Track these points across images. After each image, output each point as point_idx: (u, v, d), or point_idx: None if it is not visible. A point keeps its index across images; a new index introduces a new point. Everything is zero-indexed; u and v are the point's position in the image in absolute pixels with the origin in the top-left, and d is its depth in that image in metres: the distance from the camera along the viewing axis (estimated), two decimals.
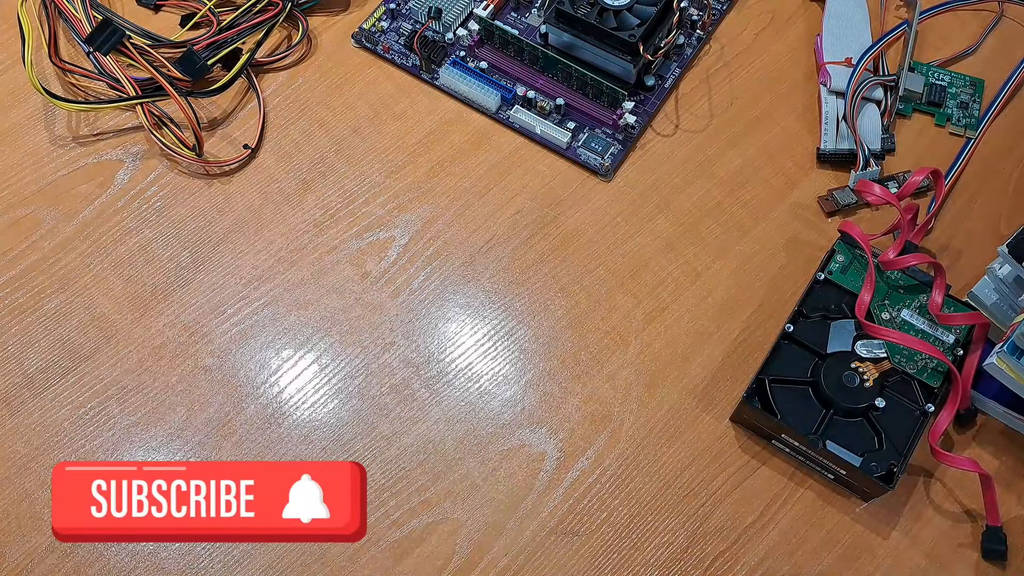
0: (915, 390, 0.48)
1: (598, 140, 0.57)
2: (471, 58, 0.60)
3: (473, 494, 0.48)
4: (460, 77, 0.58)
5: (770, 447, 0.49)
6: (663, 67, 0.59)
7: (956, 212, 0.56)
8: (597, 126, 0.57)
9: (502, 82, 0.58)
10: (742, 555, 0.47)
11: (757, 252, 0.55)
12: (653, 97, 0.58)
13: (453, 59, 0.59)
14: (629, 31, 0.55)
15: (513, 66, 0.59)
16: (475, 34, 0.59)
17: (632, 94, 0.58)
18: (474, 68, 0.59)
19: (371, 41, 0.60)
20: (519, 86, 0.59)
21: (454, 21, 0.60)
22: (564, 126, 0.57)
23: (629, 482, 0.49)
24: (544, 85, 0.58)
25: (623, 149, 0.57)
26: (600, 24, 0.55)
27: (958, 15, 0.63)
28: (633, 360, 0.52)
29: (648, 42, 0.56)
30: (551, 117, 0.57)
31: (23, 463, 0.48)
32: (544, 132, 0.57)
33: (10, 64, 0.59)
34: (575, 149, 0.57)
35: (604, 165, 0.56)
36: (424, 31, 0.59)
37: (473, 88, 0.58)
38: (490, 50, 0.60)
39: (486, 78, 0.58)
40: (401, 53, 0.60)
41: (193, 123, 0.55)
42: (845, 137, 0.57)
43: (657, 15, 0.56)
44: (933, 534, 0.48)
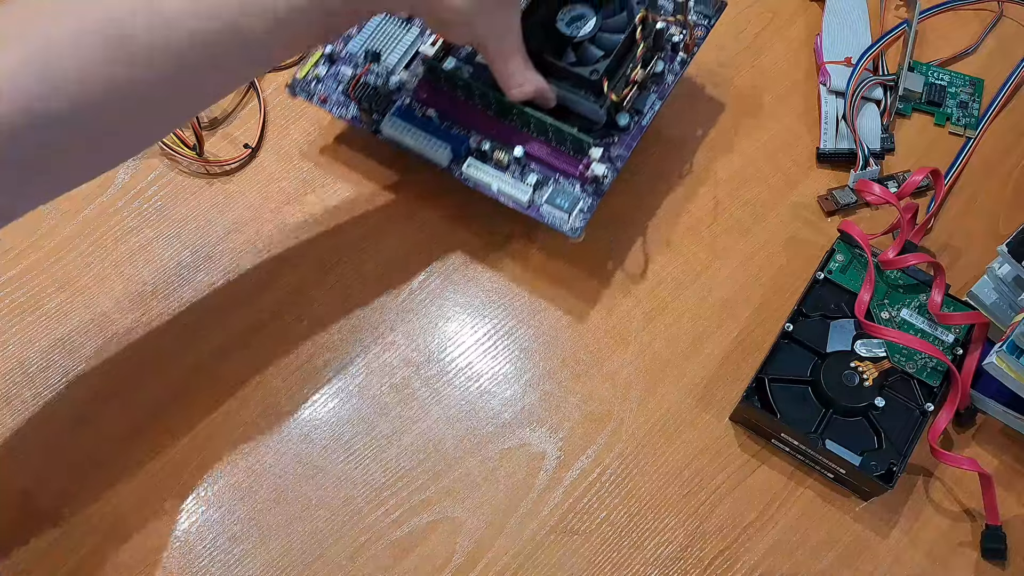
0: (915, 389, 0.48)
1: (564, 195, 0.49)
2: (419, 105, 0.52)
3: (473, 493, 0.48)
4: (405, 128, 0.51)
5: (770, 446, 0.50)
6: (640, 99, 0.51)
7: (956, 212, 0.56)
8: (563, 177, 0.50)
9: (455, 131, 0.51)
10: (742, 554, 0.47)
11: (757, 251, 0.55)
12: (628, 138, 0.50)
13: (397, 107, 0.52)
14: (591, 67, 0.47)
15: (466, 112, 0.51)
16: (421, 77, 0.52)
17: (604, 134, 0.50)
18: (420, 117, 0.52)
19: (306, 91, 0.53)
20: (473, 136, 0.51)
21: (397, 63, 0.53)
22: (525, 180, 0.50)
23: (629, 481, 0.49)
24: (501, 133, 0.51)
25: (594, 203, 0.49)
26: (555, 60, 0.47)
27: (958, 14, 0.63)
28: (633, 359, 0.52)
29: (616, 76, 0.48)
30: (510, 169, 0.50)
31: (23, 463, 0.48)
32: (501, 190, 0.50)
33: None
34: (537, 207, 0.49)
35: (572, 225, 0.49)
36: (362, 77, 0.52)
37: (420, 140, 0.51)
38: (439, 94, 0.52)
39: (434, 128, 0.51)
40: (339, 103, 0.53)
41: (193, 122, 0.55)
42: (845, 137, 0.57)
43: (625, 44, 0.48)
44: (933, 533, 0.48)
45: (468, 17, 0.42)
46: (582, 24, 0.48)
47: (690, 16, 0.52)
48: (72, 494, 0.48)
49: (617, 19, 0.48)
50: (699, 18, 0.53)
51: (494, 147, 0.50)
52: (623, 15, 0.48)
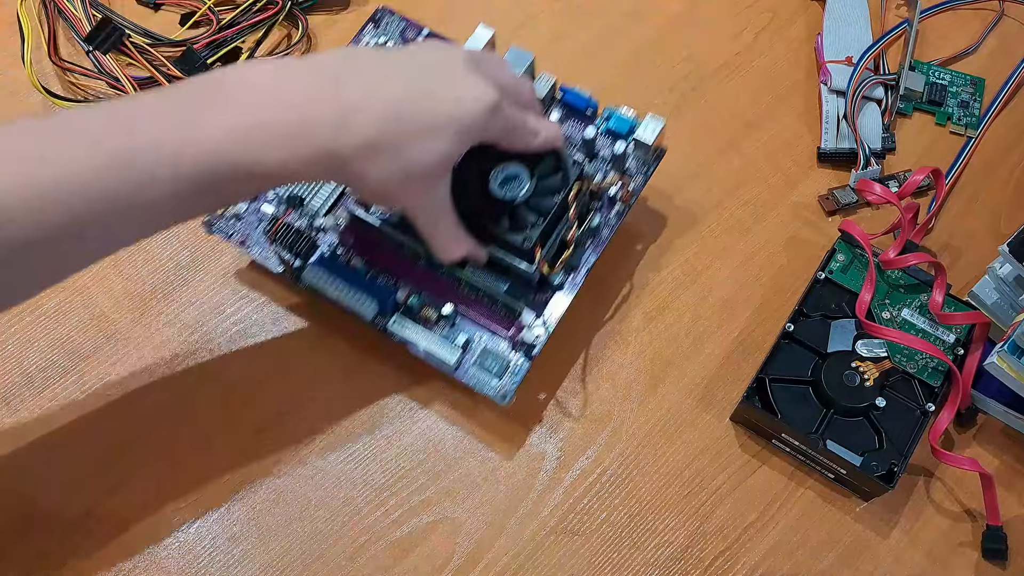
0: (915, 389, 0.48)
1: (494, 358, 0.47)
2: (344, 250, 0.49)
3: (473, 493, 0.48)
4: (328, 278, 0.48)
5: (770, 447, 0.49)
6: (575, 255, 0.48)
7: (957, 211, 0.56)
8: (494, 337, 0.48)
9: (381, 282, 0.49)
10: (742, 554, 0.47)
11: (757, 251, 0.55)
12: (563, 294, 0.48)
13: (321, 254, 0.49)
14: (523, 234, 0.44)
15: (394, 263, 0.49)
16: (347, 223, 0.49)
17: (539, 290, 0.48)
18: (345, 266, 0.49)
19: (224, 230, 0.50)
20: (401, 288, 0.48)
21: (322, 205, 0.50)
22: (453, 340, 0.47)
23: (629, 482, 0.49)
24: (431, 286, 0.48)
25: (525, 366, 0.47)
26: (487, 224, 0.45)
27: (959, 14, 0.62)
28: (633, 359, 0.52)
29: (550, 239, 0.46)
30: (439, 326, 0.48)
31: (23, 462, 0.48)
32: (428, 350, 0.47)
33: (10, 64, 0.59)
34: (466, 370, 0.47)
35: (501, 391, 0.46)
36: (283, 220, 0.48)
37: (343, 292, 0.47)
38: (366, 242, 0.49)
39: (360, 279, 0.48)
40: (260, 243, 0.49)
41: None
42: (846, 136, 0.57)
43: (560, 207, 0.45)
44: (933, 533, 0.48)
45: (391, 194, 0.40)
46: (516, 185, 0.44)
47: (628, 166, 0.50)
48: (72, 494, 0.47)
49: (552, 181, 0.45)
50: (638, 165, 0.51)
51: (422, 302, 0.48)
52: (558, 177, 0.45)
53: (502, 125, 0.41)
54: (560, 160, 0.45)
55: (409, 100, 0.38)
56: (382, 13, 0.55)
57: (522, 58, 0.50)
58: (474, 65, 0.40)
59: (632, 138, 0.50)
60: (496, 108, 0.40)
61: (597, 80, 0.59)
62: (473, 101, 0.39)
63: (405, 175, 0.39)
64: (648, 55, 0.60)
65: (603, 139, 0.52)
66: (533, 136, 0.43)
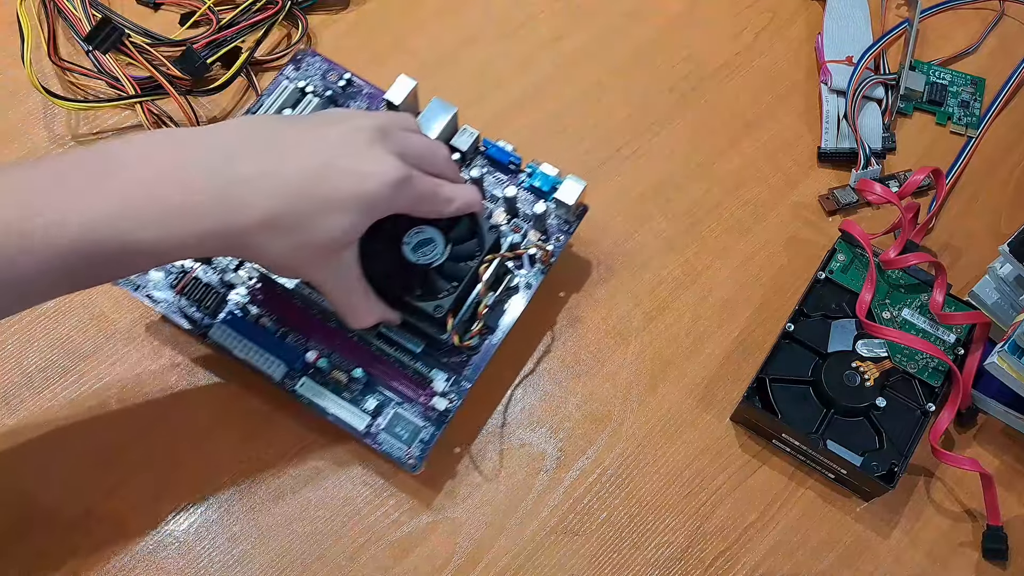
0: (916, 389, 0.48)
1: (404, 424, 0.46)
2: (254, 307, 0.48)
3: (473, 494, 0.48)
4: (235, 337, 0.47)
5: (770, 447, 0.49)
6: (493, 316, 0.47)
7: (957, 211, 0.56)
8: (406, 402, 0.47)
9: (291, 341, 0.47)
10: (742, 555, 0.47)
11: (757, 251, 0.55)
12: (478, 358, 0.47)
13: (229, 311, 0.48)
14: (436, 302, 0.43)
15: (305, 322, 0.47)
16: (257, 279, 0.48)
17: (452, 354, 0.47)
18: (254, 324, 0.47)
19: (131, 281, 0.48)
20: (311, 348, 0.47)
21: (232, 260, 0.49)
22: (362, 405, 0.46)
23: (629, 482, 0.49)
24: (342, 347, 0.47)
25: (436, 433, 0.46)
26: (400, 287, 0.44)
27: (959, 13, 0.62)
28: (633, 359, 0.51)
29: (465, 305, 0.45)
30: (349, 389, 0.47)
31: (23, 462, 0.48)
32: (337, 415, 0.46)
33: (9, 63, 0.58)
34: (375, 436, 0.46)
35: (410, 460, 0.45)
36: (192, 275, 0.48)
37: (251, 352, 0.46)
38: (276, 300, 0.48)
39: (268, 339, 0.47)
40: (167, 302, 0.48)
41: (193, 122, 0.54)
42: (846, 136, 0.57)
43: (475, 273, 0.44)
44: (934, 533, 0.48)
45: (294, 268, 0.40)
46: (430, 249, 0.44)
47: (549, 224, 0.50)
48: (72, 494, 0.47)
49: (467, 246, 0.45)
50: (560, 224, 0.50)
51: (332, 365, 0.47)
52: (473, 242, 0.45)
53: (411, 196, 0.40)
54: (476, 225, 0.45)
55: (309, 176, 0.37)
56: (303, 55, 0.54)
57: (444, 110, 0.49)
58: (380, 137, 0.40)
59: (553, 197, 0.49)
60: (402, 183, 0.39)
61: (596, 80, 0.59)
62: (377, 177, 0.38)
63: (307, 250, 0.38)
64: (648, 55, 0.60)
65: (525, 196, 0.51)
66: (447, 204, 0.42)
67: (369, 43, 0.60)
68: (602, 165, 0.57)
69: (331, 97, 0.53)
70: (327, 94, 0.53)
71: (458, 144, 0.50)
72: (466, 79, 0.59)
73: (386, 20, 0.61)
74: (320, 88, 0.53)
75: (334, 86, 0.53)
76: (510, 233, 0.49)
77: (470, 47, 0.60)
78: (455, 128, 0.51)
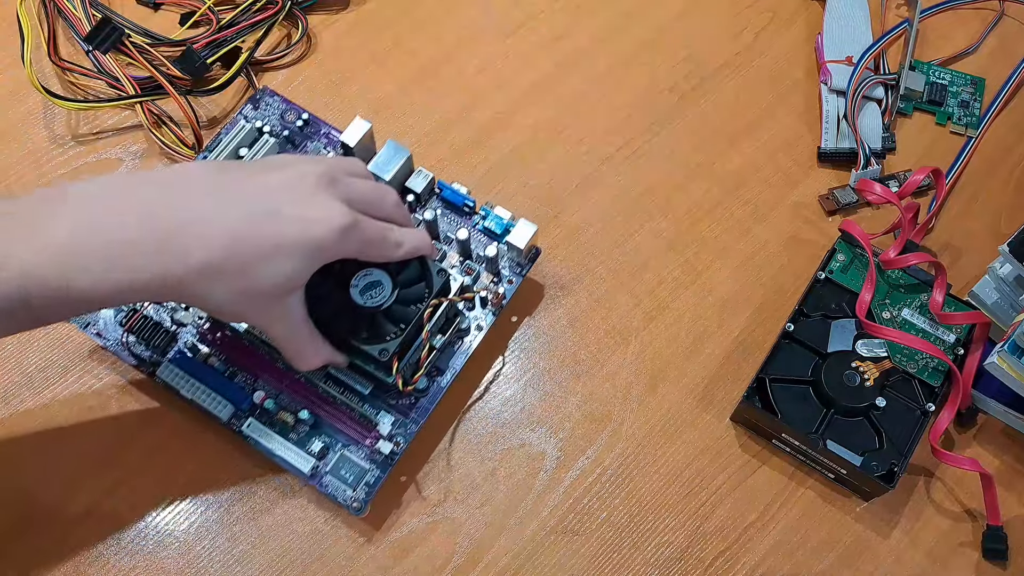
0: (916, 389, 0.48)
1: (349, 466, 0.46)
2: (203, 346, 0.48)
3: (473, 493, 0.48)
4: (183, 377, 0.47)
5: (770, 447, 0.49)
6: (443, 358, 0.48)
7: (957, 211, 0.56)
8: (352, 444, 0.46)
9: (239, 381, 0.47)
10: (742, 555, 0.47)
11: (757, 251, 0.55)
12: (425, 401, 0.47)
13: (178, 350, 0.48)
14: (381, 346, 0.43)
15: (253, 362, 0.48)
16: (206, 319, 0.48)
17: (399, 396, 0.47)
18: (203, 364, 0.47)
19: (83, 321, 0.48)
20: (259, 389, 0.47)
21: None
22: (308, 447, 0.46)
23: (629, 482, 0.49)
24: (290, 388, 0.47)
25: (381, 476, 0.46)
26: (346, 330, 0.44)
27: (959, 14, 0.62)
28: (633, 359, 0.51)
29: (411, 348, 0.45)
30: (296, 431, 0.47)
31: (24, 461, 0.48)
32: (283, 457, 0.46)
33: (9, 63, 0.59)
34: (320, 478, 0.46)
35: (355, 502, 0.45)
36: (141, 313, 0.48)
37: (199, 393, 0.46)
38: (225, 340, 0.48)
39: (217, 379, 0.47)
40: (118, 340, 0.48)
41: (193, 122, 0.54)
42: (846, 136, 0.57)
43: (422, 316, 0.44)
44: (934, 533, 0.48)
45: (238, 314, 0.40)
46: (377, 293, 0.44)
47: (501, 267, 0.50)
48: (72, 493, 0.47)
49: (415, 289, 0.45)
50: (512, 266, 0.50)
51: (279, 406, 0.47)
52: (421, 285, 0.45)
53: (358, 242, 0.40)
54: (425, 268, 0.45)
55: (252, 223, 0.37)
56: (261, 94, 0.54)
57: (399, 153, 0.49)
58: (327, 183, 0.39)
59: (505, 240, 0.49)
60: (348, 229, 0.39)
61: (596, 80, 0.59)
62: (322, 224, 0.38)
63: (251, 296, 0.38)
64: (648, 55, 0.60)
65: (479, 238, 0.51)
66: (395, 248, 0.42)
67: (369, 43, 0.60)
68: (602, 165, 0.57)
69: (288, 137, 0.53)
70: (284, 134, 0.53)
71: (413, 186, 0.50)
72: (466, 79, 0.59)
73: (386, 20, 0.61)
74: (278, 128, 0.53)
75: (291, 126, 0.54)
76: (462, 275, 0.49)
77: (470, 47, 0.60)
78: (410, 170, 0.51)
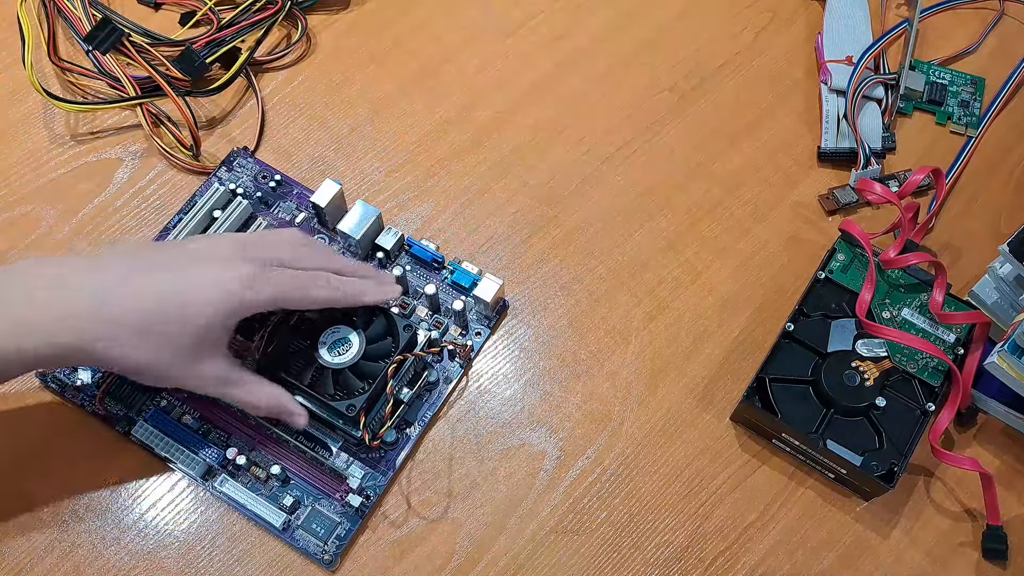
0: (916, 389, 0.48)
1: (321, 520, 0.46)
2: (177, 404, 0.49)
3: (473, 493, 0.48)
4: (157, 436, 0.47)
5: (770, 446, 0.49)
6: (411, 411, 0.49)
7: (957, 211, 0.56)
8: (323, 497, 0.47)
9: (212, 437, 0.48)
10: (742, 554, 0.47)
11: (757, 251, 0.55)
12: (394, 454, 0.48)
13: (153, 410, 0.48)
14: (348, 402, 0.44)
15: (225, 418, 0.49)
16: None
17: (368, 450, 0.48)
18: (176, 422, 0.48)
19: (57, 381, 0.49)
20: (232, 444, 0.48)
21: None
22: (280, 501, 0.46)
23: (629, 481, 0.49)
24: (261, 442, 0.48)
25: (352, 528, 0.46)
26: (313, 390, 0.45)
27: (959, 13, 0.62)
28: (633, 359, 0.51)
29: (378, 403, 0.46)
30: (268, 485, 0.47)
31: (24, 460, 0.48)
32: (255, 512, 0.46)
33: (9, 63, 0.59)
34: (292, 532, 0.46)
35: (326, 555, 0.46)
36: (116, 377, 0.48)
37: (173, 451, 0.47)
38: (199, 399, 0.49)
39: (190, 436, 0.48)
40: (93, 395, 0.48)
41: (191, 123, 0.54)
42: (846, 136, 0.57)
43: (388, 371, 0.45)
44: (934, 533, 0.48)
45: (164, 377, 0.42)
46: (345, 349, 0.46)
47: (469, 320, 0.51)
48: (72, 494, 0.47)
49: (382, 344, 0.46)
50: (480, 318, 0.52)
51: (251, 461, 0.47)
52: (387, 341, 0.46)
53: (271, 289, 0.42)
54: (392, 323, 0.47)
55: (168, 289, 0.41)
56: (236, 155, 0.55)
57: (367, 212, 0.51)
58: (239, 248, 0.43)
59: (472, 294, 0.51)
60: (254, 279, 0.42)
61: (596, 80, 0.59)
62: (229, 281, 0.42)
63: (171, 356, 0.41)
64: (648, 54, 0.60)
65: (447, 291, 0.52)
66: (326, 290, 0.44)
67: (369, 43, 0.60)
68: (602, 165, 0.57)
69: (261, 198, 0.54)
70: (257, 195, 0.54)
71: (383, 243, 0.52)
72: (466, 79, 0.59)
73: (386, 20, 0.61)
74: (251, 189, 0.54)
75: (264, 186, 0.54)
76: (430, 329, 0.51)
77: (470, 47, 0.60)
78: (380, 228, 0.52)
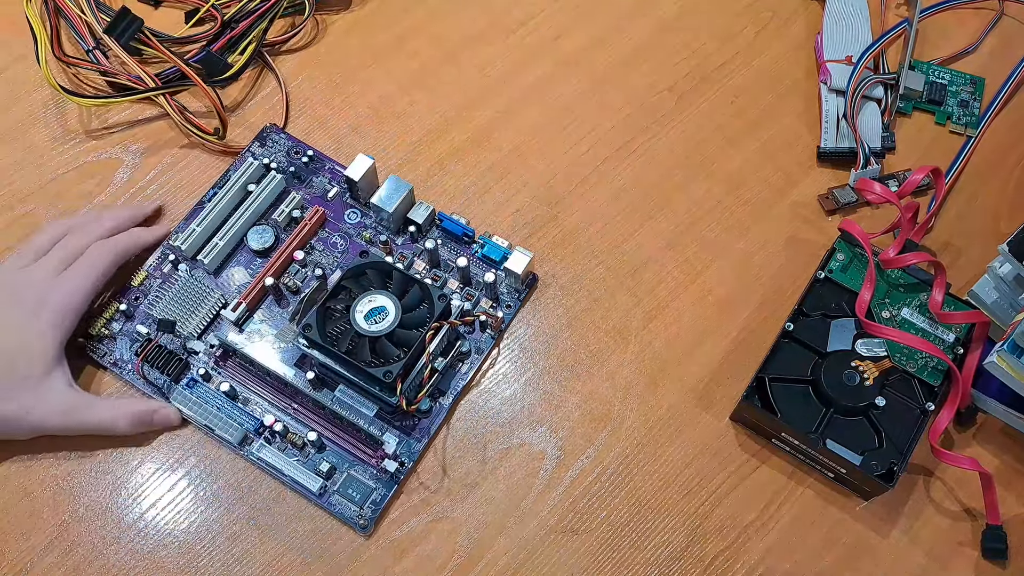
0: (915, 388, 0.48)
1: (357, 485, 0.47)
2: (215, 373, 0.50)
3: (473, 493, 0.48)
4: (195, 402, 0.49)
5: (770, 446, 0.49)
6: (444, 380, 0.50)
7: (956, 210, 0.56)
8: (358, 463, 0.48)
9: (249, 406, 0.49)
10: (742, 554, 0.47)
11: (757, 251, 0.55)
12: (427, 422, 0.49)
13: (191, 377, 0.49)
14: (385, 368, 0.45)
15: (262, 387, 0.49)
16: (218, 347, 0.50)
17: (404, 415, 0.48)
18: (214, 389, 0.49)
19: (96, 352, 0.50)
20: (268, 414, 0.49)
21: (194, 327, 0.50)
22: (316, 468, 0.47)
23: (629, 481, 0.49)
24: (299, 411, 0.49)
25: (387, 493, 0.47)
26: (351, 357, 0.45)
27: (958, 13, 0.62)
28: (633, 359, 0.52)
29: (414, 370, 0.47)
30: (304, 452, 0.48)
31: (22, 461, 0.48)
32: (292, 476, 0.47)
33: (10, 63, 0.59)
34: (329, 497, 0.47)
35: (361, 520, 0.46)
36: (156, 342, 0.49)
37: (210, 416, 0.48)
38: (235, 365, 0.50)
39: (227, 403, 0.49)
40: (132, 364, 0.49)
41: (218, 107, 0.54)
42: (845, 135, 0.57)
43: (424, 340, 0.46)
44: (933, 533, 0.48)
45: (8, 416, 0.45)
46: (382, 317, 0.46)
47: (500, 292, 0.52)
48: (71, 494, 0.47)
49: (418, 313, 0.47)
50: (510, 291, 0.52)
51: (287, 428, 0.48)
52: (423, 310, 0.47)
53: (78, 297, 0.47)
54: (426, 293, 0.47)
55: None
56: (268, 131, 0.56)
57: (400, 187, 0.52)
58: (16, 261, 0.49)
59: (503, 267, 0.51)
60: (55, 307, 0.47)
61: (596, 80, 0.59)
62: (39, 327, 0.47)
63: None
64: (648, 54, 0.60)
65: (477, 265, 0.53)
66: (114, 255, 0.49)
67: (369, 43, 0.61)
68: (602, 164, 0.57)
69: (294, 172, 0.55)
70: (291, 170, 0.55)
71: (415, 217, 0.53)
72: (466, 79, 0.59)
73: (386, 20, 0.61)
74: (284, 164, 0.55)
75: (297, 162, 0.55)
76: (462, 301, 0.51)
77: (470, 47, 0.60)
78: (412, 202, 0.53)
